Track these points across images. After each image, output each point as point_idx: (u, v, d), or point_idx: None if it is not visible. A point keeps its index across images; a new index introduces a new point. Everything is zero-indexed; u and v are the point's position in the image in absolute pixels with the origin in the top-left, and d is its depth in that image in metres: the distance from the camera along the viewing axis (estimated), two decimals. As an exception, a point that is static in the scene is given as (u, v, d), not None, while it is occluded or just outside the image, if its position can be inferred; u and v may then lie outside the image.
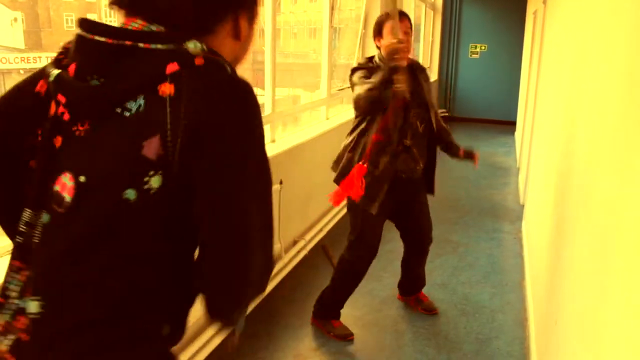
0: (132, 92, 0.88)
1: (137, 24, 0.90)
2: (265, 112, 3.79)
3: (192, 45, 0.88)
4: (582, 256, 1.67)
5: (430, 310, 3.32)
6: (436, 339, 3.04)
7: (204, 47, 0.89)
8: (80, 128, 0.91)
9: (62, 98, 0.91)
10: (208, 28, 0.95)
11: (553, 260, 2.39)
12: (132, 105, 0.87)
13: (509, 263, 4.12)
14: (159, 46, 0.87)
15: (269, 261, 0.99)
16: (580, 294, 1.64)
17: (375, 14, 6.01)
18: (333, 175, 2.92)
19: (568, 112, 2.43)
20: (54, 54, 0.99)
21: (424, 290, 3.42)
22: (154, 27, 0.90)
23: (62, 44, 0.99)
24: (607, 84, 1.57)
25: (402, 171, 2.84)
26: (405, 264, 3.31)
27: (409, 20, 2.80)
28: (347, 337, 3.03)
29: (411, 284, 3.36)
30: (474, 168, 3.14)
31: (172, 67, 0.86)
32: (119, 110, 0.88)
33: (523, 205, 5.29)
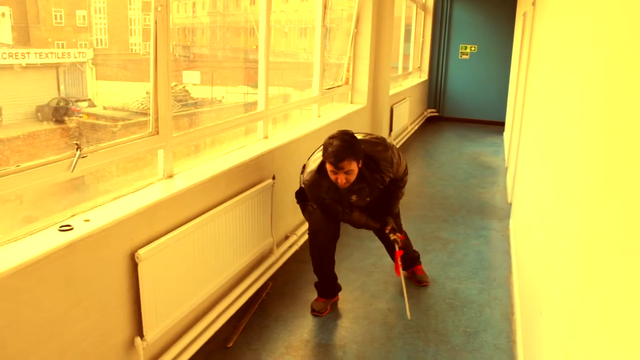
0: None
1: None
2: (259, 108, 3.83)
3: None
4: (566, 249, 1.73)
5: (420, 282, 3.70)
6: (425, 332, 3.11)
7: None
8: None
9: None
10: None
11: (538, 254, 2.46)
12: None
13: (496, 259, 4.20)
14: None
15: None
16: (565, 284, 1.70)
17: (367, 13, 6.07)
18: None
19: (552, 112, 2.50)
20: (43, 50, 1.01)
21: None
22: None
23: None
24: (590, 83, 1.63)
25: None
26: (385, 247, 3.71)
27: (353, 159, 2.84)
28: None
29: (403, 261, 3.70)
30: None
31: None
32: None
33: (511, 204, 5.37)
